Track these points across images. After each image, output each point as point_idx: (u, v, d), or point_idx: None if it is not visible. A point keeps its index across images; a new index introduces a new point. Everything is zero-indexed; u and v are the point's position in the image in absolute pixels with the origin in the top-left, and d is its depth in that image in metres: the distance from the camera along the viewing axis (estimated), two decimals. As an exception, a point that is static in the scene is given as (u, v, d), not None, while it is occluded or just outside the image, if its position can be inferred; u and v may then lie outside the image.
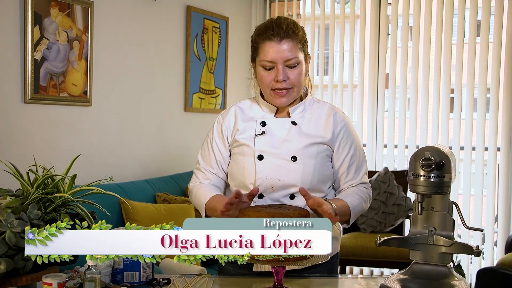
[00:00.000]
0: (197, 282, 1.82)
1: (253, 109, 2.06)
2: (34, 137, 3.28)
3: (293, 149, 1.94)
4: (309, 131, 1.97)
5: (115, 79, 3.83)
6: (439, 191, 1.75)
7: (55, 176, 1.74)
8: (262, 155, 1.94)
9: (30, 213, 1.57)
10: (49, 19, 3.31)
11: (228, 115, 2.07)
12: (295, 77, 1.92)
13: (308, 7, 5.19)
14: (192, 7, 4.49)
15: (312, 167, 1.94)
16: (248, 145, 1.97)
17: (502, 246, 4.30)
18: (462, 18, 4.64)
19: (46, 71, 3.32)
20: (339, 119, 2.02)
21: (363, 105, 5.00)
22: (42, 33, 3.27)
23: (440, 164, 1.73)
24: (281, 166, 1.93)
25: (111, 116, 3.82)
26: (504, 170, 4.53)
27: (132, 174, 3.95)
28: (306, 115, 2.01)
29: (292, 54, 1.90)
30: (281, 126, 1.98)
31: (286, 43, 1.90)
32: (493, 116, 4.54)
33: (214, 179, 2.06)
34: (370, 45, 4.91)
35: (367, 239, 4.06)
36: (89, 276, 1.58)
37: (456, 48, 4.65)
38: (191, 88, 4.53)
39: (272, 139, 1.96)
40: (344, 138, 2.00)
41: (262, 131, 1.98)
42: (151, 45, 4.13)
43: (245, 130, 2.00)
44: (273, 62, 1.91)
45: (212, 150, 2.07)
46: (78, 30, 3.50)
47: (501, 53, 4.51)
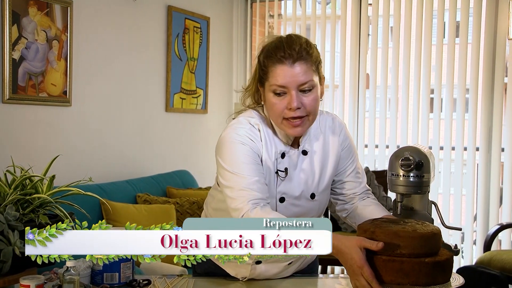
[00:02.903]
0: (177, 283, 1.82)
1: (270, 136, 1.82)
2: (12, 137, 3.25)
3: (312, 187, 1.86)
4: (320, 160, 1.87)
5: (95, 79, 3.81)
6: (418, 190, 1.77)
7: (33, 177, 1.72)
8: (284, 197, 1.83)
9: (8, 215, 1.55)
10: (27, 18, 3.27)
11: (257, 138, 1.80)
12: (311, 103, 1.72)
13: (289, 8, 5.20)
14: (173, 7, 4.47)
15: (325, 199, 1.93)
16: (270, 187, 1.80)
17: (481, 245, 4.33)
18: (442, 20, 4.67)
19: (24, 71, 3.28)
20: (340, 129, 1.94)
21: (344, 105, 5.02)
22: (21, 33, 3.24)
23: (419, 164, 1.74)
24: (299, 206, 1.86)
25: (91, 116, 3.79)
26: (483, 169, 4.57)
27: (112, 175, 3.92)
28: (311, 138, 1.87)
29: (306, 77, 1.70)
30: (295, 159, 1.84)
31: (299, 65, 1.69)
32: (472, 116, 4.57)
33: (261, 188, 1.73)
34: (351, 46, 4.92)
35: (348, 239, 4.07)
36: (68, 278, 1.57)
37: (436, 49, 4.69)
38: (172, 88, 4.51)
39: (292, 178, 1.82)
40: (347, 151, 1.95)
41: (285, 168, 1.81)
42: (132, 45, 4.11)
43: (267, 163, 1.79)
44: (285, 87, 1.70)
45: (250, 156, 1.77)
46: (57, 29, 3.47)
47: (479, 54, 4.55)
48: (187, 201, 3.83)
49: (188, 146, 4.75)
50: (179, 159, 4.62)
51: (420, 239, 1.54)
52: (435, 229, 1.60)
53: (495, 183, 4.54)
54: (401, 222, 1.65)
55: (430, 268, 1.52)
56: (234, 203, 1.70)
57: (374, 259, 1.55)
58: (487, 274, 3.49)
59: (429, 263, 1.52)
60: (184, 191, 4.06)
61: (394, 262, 1.52)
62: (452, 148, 4.66)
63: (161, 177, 4.15)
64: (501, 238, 4.50)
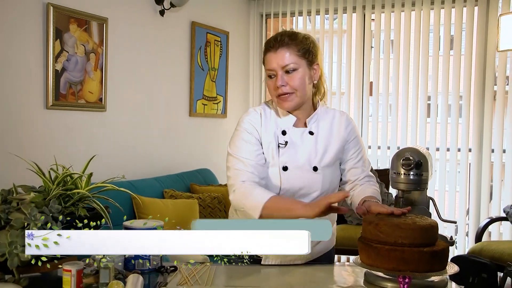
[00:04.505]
0: (201, 269, 1.82)
1: (274, 117, 1.93)
2: (55, 139, 3.28)
3: (314, 160, 1.88)
4: (325, 141, 1.92)
5: (127, 87, 3.83)
6: (418, 187, 1.76)
7: (74, 174, 1.73)
8: (287, 166, 1.86)
9: (51, 208, 1.56)
10: (68, 34, 3.30)
11: (257, 122, 1.91)
12: (295, 81, 1.83)
13: (300, 23, 5.19)
14: (197, 22, 4.48)
15: (330, 175, 1.92)
16: (273, 156, 1.87)
17: (472, 236, 4.30)
18: (437, 33, 4.65)
19: (65, 80, 3.31)
20: (348, 123, 1.97)
21: (349, 110, 5.00)
22: (63, 47, 3.27)
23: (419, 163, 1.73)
24: (303, 177, 1.87)
25: (123, 121, 3.81)
26: (474, 168, 4.54)
27: (142, 173, 3.94)
28: (320, 124, 1.93)
29: (288, 60, 1.82)
30: (300, 136, 1.90)
31: (281, 51, 1.82)
32: (465, 120, 4.54)
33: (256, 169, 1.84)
34: (356, 57, 4.91)
35: (353, 231, 4.05)
36: (104, 264, 1.58)
37: (432, 60, 4.66)
38: (195, 95, 4.52)
39: (295, 150, 1.88)
40: (352, 139, 1.97)
41: (285, 141, 1.88)
42: (159, 56, 4.13)
43: (268, 140, 1.89)
44: (273, 70, 1.84)
45: (249, 141, 1.88)
46: (94, 43, 3.50)
47: (472, 65, 4.53)
48: (209, 196, 3.84)
49: (209, 146, 4.75)
50: (201, 159, 4.63)
51: (419, 231, 1.53)
52: (433, 222, 1.60)
53: (486, 180, 4.50)
54: (402, 216, 1.64)
55: (428, 257, 1.51)
56: (229, 181, 1.85)
57: (378, 249, 1.54)
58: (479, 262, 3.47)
59: (427, 252, 1.51)
60: (206, 187, 4.06)
61: (396, 251, 1.51)
62: (447, 149, 4.64)
63: (185, 174, 4.16)
64: (491, 230, 4.46)
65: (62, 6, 3.24)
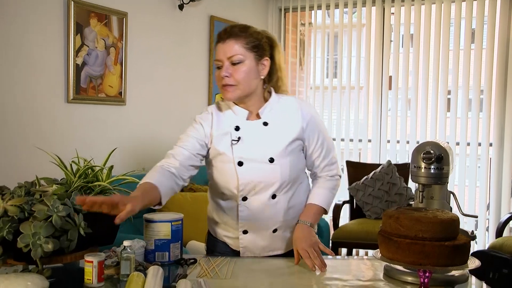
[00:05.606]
0: (220, 262, 1.83)
1: (227, 114, 1.93)
2: (76, 132, 3.31)
3: (269, 151, 1.86)
4: (281, 130, 1.89)
5: (146, 81, 3.85)
6: (438, 181, 1.74)
7: (95, 167, 1.75)
8: (242, 161, 1.86)
9: (73, 200, 1.58)
10: (89, 28, 3.33)
11: (207, 121, 1.95)
12: (239, 74, 1.81)
13: (319, 17, 5.17)
14: (215, 16, 4.49)
15: (288, 164, 1.89)
16: (227, 153, 1.88)
17: (493, 231, 4.25)
18: (458, 27, 4.59)
19: (86, 74, 3.33)
20: (306, 112, 1.93)
21: (368, 105, 4.97)
22: (83, 41, 3.29)
23: (440, 157, 1.72)
24: (260, 169, 1.86)
25: (143, 114, 3.83)
26: (495, 163, 4.49)
27: (161, 166, 3.95)
28: (274, 113, 1.91)
29: (234, 51, 1.81)
30: (254, 129, 1.89)
31: (230, 42, 1.82)
32: (486, 115, 4.49)
33: (181, 154, 2.00)
34: (375, 51, 4.87)
35: (371, 225, 4.04)
36: (125, 256, 1.59)
37: (453, 54, 4.61)
38: (214, 89, 4.53)
39: (249, 144, 1.87)
40: (312, 128, 1.93)
41: (238, 137, 1.88)
42: (178, 50, 4.14)
43: (221, 137, 1.90)
44: (220, 61, 1.84)
45: (191, 136, 2.01)
46: (114, 38, 3.52)
47: (493, 59, 4.47)
48: (227, 190, 3.84)
49: (228, 141, 4.75)
50: (220, 153, 4.63)
51: (440, 225, 1.52)
52: (454, 216, 1.58)
53: (507, 175, 4.45)
54: (423, 210, 1.63)
55: (450, 250, 1.50)
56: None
57: (398, 242, 1.53)
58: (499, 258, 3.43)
59: (448, 246, 1.50)
60: (224, 181, 4.06)
61: (416, 245, 1.50)
62: (468, 143, 4.59)
63: (204, 168, 4.15)
64: (512, 226, 4.41)
65: (82, 1, 3.26)
